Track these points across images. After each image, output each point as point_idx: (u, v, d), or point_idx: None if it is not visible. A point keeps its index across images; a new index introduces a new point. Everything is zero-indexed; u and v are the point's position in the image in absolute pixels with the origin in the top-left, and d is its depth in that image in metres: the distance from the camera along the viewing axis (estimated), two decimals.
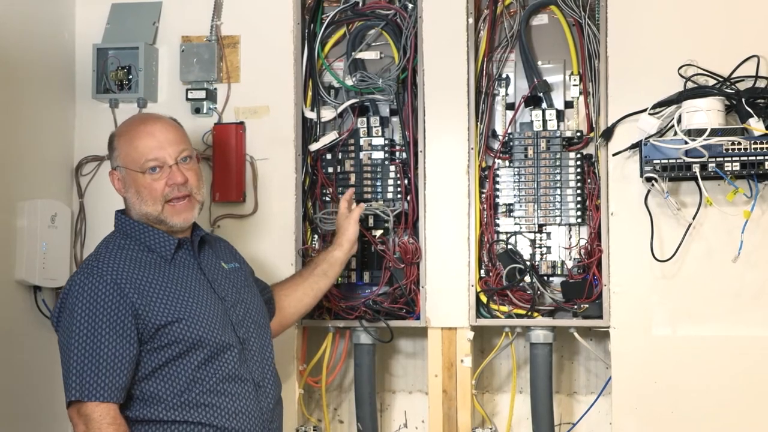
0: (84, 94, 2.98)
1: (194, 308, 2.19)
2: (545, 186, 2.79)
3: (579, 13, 2.77)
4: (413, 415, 3.00)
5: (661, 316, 2.62)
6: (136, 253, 2.22)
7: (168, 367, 2.15)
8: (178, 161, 2.26)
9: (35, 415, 2.78)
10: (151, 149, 2.24)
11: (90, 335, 2.09)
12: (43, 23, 2.88)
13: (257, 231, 2.86)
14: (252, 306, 2.35)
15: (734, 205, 2.55)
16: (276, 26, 2.91)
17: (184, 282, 2.23)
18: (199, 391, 2.16)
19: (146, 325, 2.13)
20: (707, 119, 2.50)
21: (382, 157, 2.89)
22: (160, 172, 2.24)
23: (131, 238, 2.26)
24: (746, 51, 2.58)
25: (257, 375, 2.26)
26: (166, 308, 2.15)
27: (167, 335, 2.14)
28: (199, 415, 2.16)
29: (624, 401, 2.63)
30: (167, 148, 2.25)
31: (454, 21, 2.80)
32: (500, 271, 2.77)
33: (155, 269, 2.21)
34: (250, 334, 2.29)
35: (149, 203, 2.24)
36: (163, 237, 2.26)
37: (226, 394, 2.19)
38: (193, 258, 2.30)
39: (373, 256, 2.88)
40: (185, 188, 2.26)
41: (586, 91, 2.79)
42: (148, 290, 2.16)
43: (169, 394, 2.15)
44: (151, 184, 2.24)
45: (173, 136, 2.29)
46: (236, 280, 2.37)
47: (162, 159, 2.25)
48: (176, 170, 2.25)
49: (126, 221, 2.28)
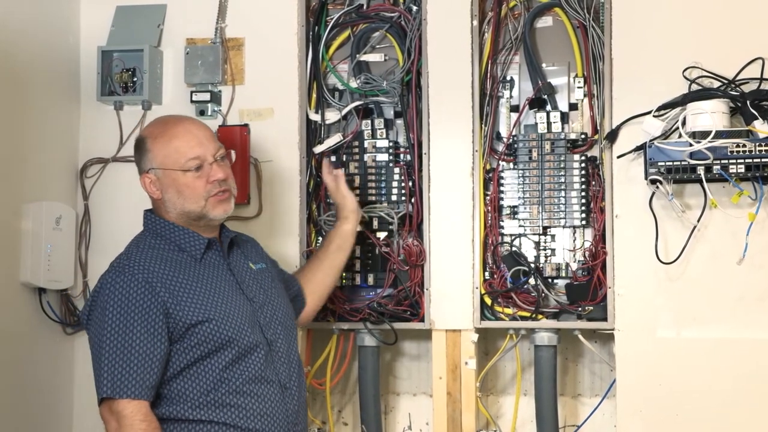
0: (89, 96, 2.98)
1: (224, 308, 2.20)
2: (550, 188, 2.78)
3: (583, 15, 2.77)
4: (417, 418, 3.00)
5: (665, 318, 2.62)
6: (166, 253, 2.24)
7: (196, 366, 2.17)
8: (216, 158, 2.29)
9: (40, 417, 2.78)
10: (191, 147, 2.27)
11: (122, 333, 2.10)
12: (48, 26, 2.89)
13: (261, 233, 2.85)
14: (279, 307, 2.36)
15: (739, 208, 2.55)
16: (280, 29, 2.91)
17: (214, 282, 2.24)
18: (225, 391, 2.17)
19: (177, 324, 2.14)
20: (712, 121, 2.50)
21: (386, 159, 2.89)
22: (201, 170, 2.26)
23: (161, 237, 2.27)
24: (751, 53, 2.58)
25: (283, 376, 2.27)
26: (197, 308, 2.17)
27: (197, 334, 2.16)
28: (225, 415, 2.17)
29: (629, 404, 2.63)
30: (207, 146, 2.28)
31: (458, 23, 2.80)
32: (504, 274, 2.77)
33: (186, 269, 2.22)
34: (278, 336, 2.30)
35: (192, 201, 2.26)
36: (193, 236, 2.27)
37: (252, 395, 2.20)
38: (222, 258, 2.31)
39: (377, 258, 2.88)
40: (225, 184, 2.29)
41: (590, 94, 2.79)
42: (178, 289, 2.17)
43: (196, 393, 2.16)
44: (194, 182, 2.25)
45: (210, 134, 2.33)
46: (264, 281, 2.38)
47: (203, 156, 2.27)
48: (217, 167, 2.28)
49: (156, 220, 2.29)
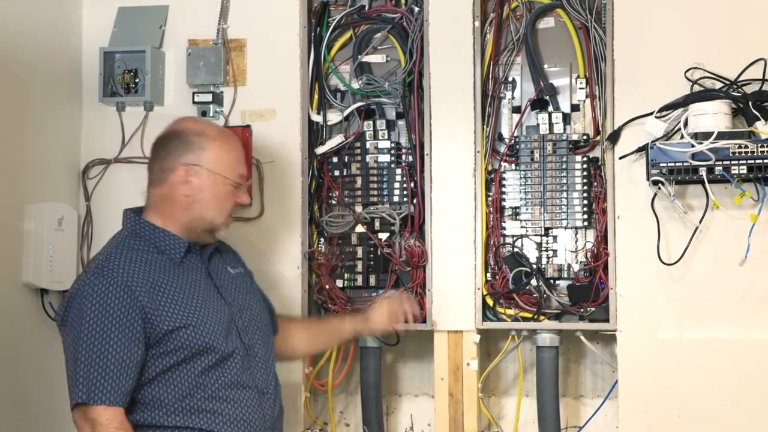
0: (91, 97, 2.98)
1: (202, 314, 2.17)
2: (551, 189, 2.78)
3: (585, 16, 2.77)
4: (419, 419, 2.99)
5: (667, 319, 2.62)
6: (145, 254, 2.20)
7: (172, 372, 2.13)
8: (246, 185, 2.34)
9: (40, 418, 2.78)
10: (241, 164, 2.30)
11: (99, 338, 2.06)
12: (50, 27, 2.88)
13: (263, 234, 2.86)
14: (257, 312, 2.34)
15: (741, 209, 2.54)
16: (282, 29, 2.91)
17: (193, 286, 2.21)
18: (201, 396, 2.14)
19: (154, 330, 2.11)
20: (714, 122, 2.50)
21: (388, 160, 2.89)
22: (238, 189, 2.28)
23: (141, 238, 2.23)
24: (753, 54, 2.58)
25: (261, 382, 2.24)
26: (175, 313, 2.13)
27: (174, 340, 2.12)
28: (201, 421, 2.14)
29: (630, 404, 2.63)
30: (247, 171, 2.34)
31: (460, 24, 2.80)
32: (506, 275, 2.77)
33: (165, 272, 2.18)
34: (255, 341, 2.28)
35: (216, 211, 2.24)
36: (174, 239, 2.23)
37: (229, 400, 2.17)
38: (201, 262, 2.28)
39: (379, 259, 2.88)
40: (240, 208, 2.32)
41: (592, 95, 2.79)
42: (157, 294, 2.13)
43: (171, 399, 2.13)
44: (229, 196, 2.25)
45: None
46: (242, 285, 2.35)
47: (245, 178, 2.31)
48: (245, 193, 2.31)
49: (136, 221, 2.25)
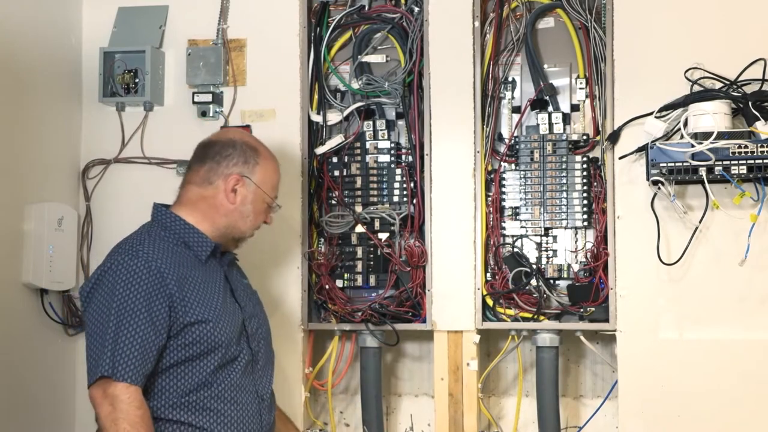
0: (91, 97, 2.98)
1: (221, 313, 2.19)
2: (551, 189, 2.78)
3: (585, 17, 2.77)
4: (419, 419, 2.99)
5: (667, 319, 2.62)
6: (174, 246, 2.23)
7: (184, 365, 2.15)
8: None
9: (42, 418, 2.78)
10: (277, 187, 2.40)
11: (128, 317, 2.07)
12: (50, 27, 2.89)
13: (263, 234, 2.83)
14: (264, 323, 2.38)
15: (741, 209, 2.54)
16: (282, 30, 2.91)
17: (214, 285, 2.24)
18: (207, 395, 2.16)
19: (177, 320, 2.13)
20: (714, 122, 2.50)
21: (388, 160, 2.89)
22: (269, 209, 2.38)
23: (170, 231, 2.26)
24: (753, 54, 2.58)
25: (261, 388, 2.27)
26: (198, 307, 2.16)
27: (192, 334, 2.14)
28: (202, 419, 2.15)
29: (630, 405, 2.63)
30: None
31: (460, 24, 2.80)
32: (506, 275, 2.77)
33: (191, 266, 2.21)
34: (260, 348, 2.31)
35: (250, 224, 2.34)
36: (203, 237, 2.27)
37: (233, 401, 2.19)
38: (220, 266, 2.31)
39: (379, 259, 2.88)
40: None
41: (592, 95, 2.79)
42: (184, 285, 2.15)
43: (178, 392, 2.14)
44: (262, 212, 2.36)
45: None
46: (253, 296, 2.41)
47: (276, 200, 2.40)
48: (272, 214, 2.41)
49: (167, 214, 2.28)
